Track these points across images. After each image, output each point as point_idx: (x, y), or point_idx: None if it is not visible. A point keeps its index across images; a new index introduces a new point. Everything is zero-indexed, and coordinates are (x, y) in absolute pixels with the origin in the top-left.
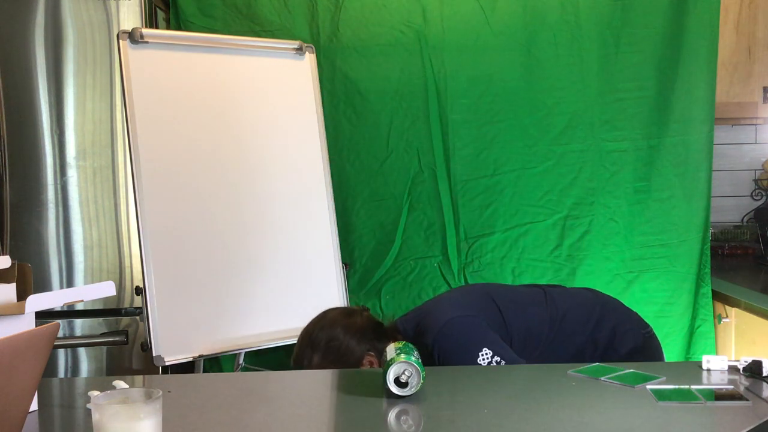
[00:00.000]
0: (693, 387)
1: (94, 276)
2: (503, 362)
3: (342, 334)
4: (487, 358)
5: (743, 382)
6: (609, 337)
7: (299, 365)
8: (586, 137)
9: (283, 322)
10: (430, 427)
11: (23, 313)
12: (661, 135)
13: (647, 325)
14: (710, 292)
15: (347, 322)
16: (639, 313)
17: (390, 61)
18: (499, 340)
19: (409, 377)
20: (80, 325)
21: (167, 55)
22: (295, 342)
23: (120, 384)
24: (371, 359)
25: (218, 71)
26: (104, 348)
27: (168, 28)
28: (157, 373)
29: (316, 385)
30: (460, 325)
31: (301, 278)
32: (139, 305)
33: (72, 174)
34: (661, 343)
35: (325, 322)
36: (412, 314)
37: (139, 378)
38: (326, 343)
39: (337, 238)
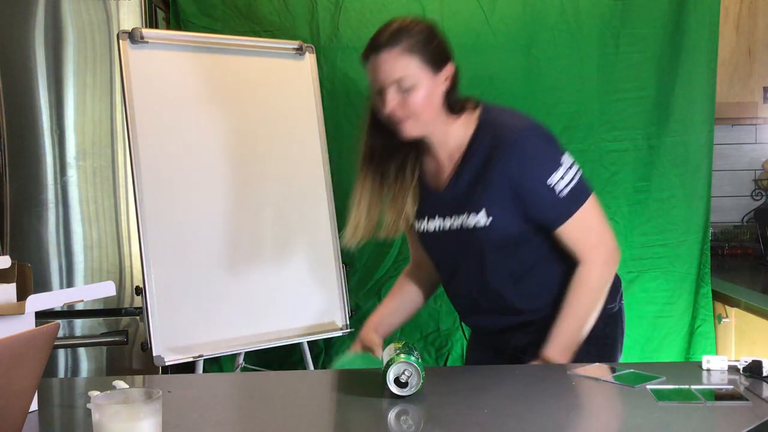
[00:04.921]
0: (693, 387)
1: (94, 276)
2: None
3: (437, 34)
4: (563, 172)
5: (743, 382)
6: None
7: (377, 43)
8: (586, 137)
9: (283, 322)
10: (430, 427)
11: (23, 313)
12: (661, 135)
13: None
14: (710, 292)
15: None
16: (639, 314)
17: None
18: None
19: (409, 377)
20: (80, 325)
21: (167, 55)
22: (294, 342)
23: (120, 384)
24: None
25: (218, 71)
26: (104, 348)
27: (168, 28)
28: (157, 373)
29: (316, 385)
30: (545, 135)
31: (301, 278)
32: (139, 305)
33: (72, 174)
34: (625, 329)
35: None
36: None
37: (139, 378)
38: (424, 32)
39: (338, 238)
